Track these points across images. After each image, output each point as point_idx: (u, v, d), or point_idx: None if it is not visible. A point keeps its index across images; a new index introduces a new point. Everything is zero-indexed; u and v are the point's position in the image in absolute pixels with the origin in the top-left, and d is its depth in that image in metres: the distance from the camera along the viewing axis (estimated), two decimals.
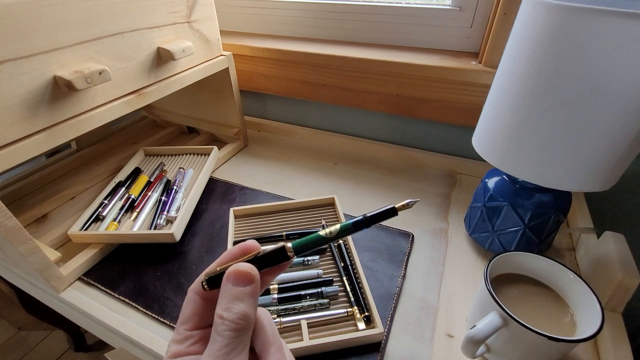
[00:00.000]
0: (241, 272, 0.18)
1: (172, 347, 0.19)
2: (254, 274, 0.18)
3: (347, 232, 0.20)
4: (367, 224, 0.20)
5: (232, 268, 0.18)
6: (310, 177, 0.64)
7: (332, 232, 0.20)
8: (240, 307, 0.17)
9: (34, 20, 0.35)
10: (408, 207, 0.20)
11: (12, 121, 0.35)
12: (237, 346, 0.17)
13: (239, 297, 0.17)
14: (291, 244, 0.20)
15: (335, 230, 0.20)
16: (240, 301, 0.17)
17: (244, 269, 0.18)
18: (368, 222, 0.20)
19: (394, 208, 0.20)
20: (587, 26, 0.28)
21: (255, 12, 0.75)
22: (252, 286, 0.18)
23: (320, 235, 0.20)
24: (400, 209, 0.20)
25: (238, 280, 0.18)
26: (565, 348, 0.31)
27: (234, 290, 0.17)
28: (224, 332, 0.17)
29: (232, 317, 0.17)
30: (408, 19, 0.63)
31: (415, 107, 0.63)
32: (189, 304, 0.19)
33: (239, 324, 0.17)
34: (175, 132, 0.79)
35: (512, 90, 0.34)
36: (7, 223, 0.35)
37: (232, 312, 0.17)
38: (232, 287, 0.18)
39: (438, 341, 0.38)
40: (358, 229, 0.20)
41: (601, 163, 0.33)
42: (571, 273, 0.34)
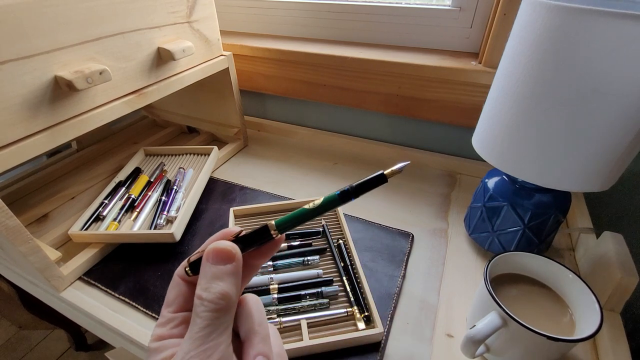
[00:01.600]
0: (220, 250, 0.17)
1: (155, 330, 0.18)
2: (234, 252, 0.17)
3: (333, 204, 0.19)
4: (355, 193, 0.19)
5: (211, 246, 0.17)
6: (310, 177, 0.64)
7: (315, 204, 0.19)
8: (219, 287, 0.16)
9: (35, 21, 0.35)
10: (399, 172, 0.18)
11: (13, 121, 0.35)
12: (217, 327, 0.16)
13: (218, 276, 0.16)
14: (274, 221, 0.19)
15: (318, 202, 0.19)
16: (220, 280, 0.16)
17: (223, 246, 0.17)
18: (355, 192, 0.18)
19: (383, 174, 0.18)
20: (587, 27, 0.28)
21: (255, 12, 0.75)
22: (233, 264, 0.17)
23: (304, 209, 0.19)
24: (390, 175, 0.18)
25: (217, 258, 0.17)
26: (564, 348, 0.31)
27: (213, 269, 0.17)
28: (203, 313, 0.16)
29: (211, 297, 0.16)
30: (408, 19, 0.63)
31: (415, 107, 0.63)
32: (173, 287, 0.19)
33: (218, 304, 0.16)
34: (175, 132, 0.79)
35: (512, 91, 0.35)
36: (8, 222, 0.35)
37: (211, 291, 0.16)
38: (211, 266, 0.17)
39: (438, 341, 0.38)
40: (345, 199, 0.19)
41: (600, 163, 0.33)
42: (570, 273, 0.34)
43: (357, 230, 0.51)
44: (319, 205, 0.19)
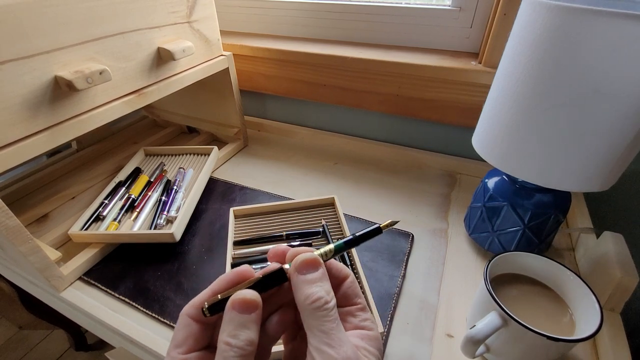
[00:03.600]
0: (247, 300, 0.18)
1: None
2: (258, 301, 0.19)
3: (340, 250, 0.22)
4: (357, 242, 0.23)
5: (237, 296, 0.18)
6: (310, 177, 0.64)
7: (327, 253, 0.22)
8: (246, 334, 0.17)
9: (35, 21, 0.35)
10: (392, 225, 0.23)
11: (13, 121, 0.35)
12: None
13: (245, 325, 0.18)
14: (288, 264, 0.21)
15: (330, 251, 0.22)
16: (247, 328, 0.18)
17: (250, 297, 0.18)
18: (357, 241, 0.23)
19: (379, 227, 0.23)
20: (587, 27, 0.28)
21: (255, 12, 0.75)
22: (257, 313, 0.18)
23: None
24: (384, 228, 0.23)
25: (243, 308, 0.18)
26: (564, 348, 0.31)
27: (240, 318, 0.18)
28: (232, 358, 0.17)
29: (240, 344, 0.17)
30: (408, 19, 0.63)
31: (415, 107, 0.63)
32: (182, 328, 0.19)
33: (246, 349, 0.17)
34: (175, 132, 0.79)
35: (512, 91, 0.35)
36: (8, 222, 0.35)
37: (240, 339, 0.17)
38: (238, 315, 0.18)
39: (438, 341, 0.38)
40: (349, 247, 0.23)
41: (601, 163, 0.33)
42: (570, 273, 0.34)
43: (357, 230, 0.51)
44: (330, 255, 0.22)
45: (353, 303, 0.21)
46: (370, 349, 0.19)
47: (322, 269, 0.20)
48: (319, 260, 0.20)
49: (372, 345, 0.20)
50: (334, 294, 0.19)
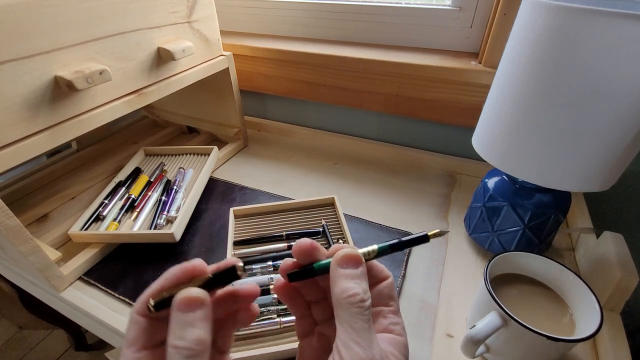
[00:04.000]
0: (191, 299, 0.17)
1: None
2: (203, 298, 0.17)
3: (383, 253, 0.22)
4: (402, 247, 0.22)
5: (181, 295, 0.17)
6: (310, 177, 0.64)
7: (369, 252, 0.21)
8: (193, 333, 0.16)
9: (35, 21, 0.35)
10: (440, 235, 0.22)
11: (13, 121, 0.36)
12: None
13: (192, 323, 0.17)
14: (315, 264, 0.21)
15: (373, 252, 0.22)
16: (193, 327, 0.17)
17: (194, 295, 0.17)
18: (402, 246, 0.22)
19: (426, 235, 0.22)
20: (587, 27, 0.28)
21: (255, 12, 0.75)
22: (204, 310, 0.17)
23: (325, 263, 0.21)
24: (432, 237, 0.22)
25: (188, 307, 0.17)
26: (564, 348, 0.31)
27: (185, 317, 0.17)
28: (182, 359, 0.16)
29: (187, 344, 0.16)
30: (408, 19, 0.63)
31: (415, 107, 0.63)
32: (132, 325, 0.19)
33: (194, 349, 0.16)
34: (175, 132, 0.79)
35: (512, 91, 0.35)
36: (8, 222, 0.35)
37: (187, 339, 0.16)
38: (183, 314, 0.17)
39: (438, 341, 0.38)
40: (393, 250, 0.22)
41: (600, 163, 0.33)
42: (570, 273, 0.34)
43: (357, 230, 0.51)
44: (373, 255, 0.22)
45: (386, 304, 0.21)
46: (397, 355, 0.19)
47: (362, 267, 0.20)
48: (360, 258, 0.20)
49: (400, 351, 0.19)
50: (370, 295, 0.19)
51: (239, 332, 0.37)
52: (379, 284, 0.22)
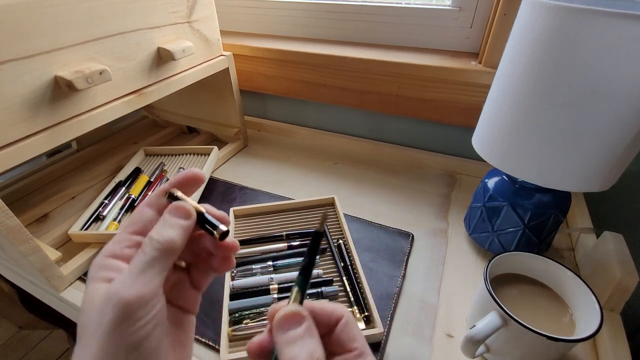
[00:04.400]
0: (180, 206, 0.19)
1: (109, 246, 0.19)
2: (190, 211, 0.20)
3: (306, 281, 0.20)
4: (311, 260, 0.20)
5: (175, 203, 0.20)
6: (310, 177, 0.64)
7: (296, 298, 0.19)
8: (169, 233, 0.18)
9: (35, 21, 0.35)
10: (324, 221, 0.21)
11: (13, 121, 0.35)
12: (154, 265, 0.17)
13: (172, 225, 0.19)
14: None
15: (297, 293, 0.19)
16: (172, 229, 0.19)
17: (184, 205, 0.20)
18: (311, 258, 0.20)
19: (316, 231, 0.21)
20: (587, 27, 0.28)
21: (255, 12, 0.75)
22: (187, 221, 0.19)
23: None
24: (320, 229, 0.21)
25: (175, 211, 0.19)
26: (564, 348, 0.31)
27: (170, 219, 0.19)
28: (147, 249, 0.18)
29: (160, 239, 0.18)
30: (408, 19, 0.63)
31: (415, 107, 0.63)
32: (137, 212, 0.21)
33: (163, 245, 0.18)
34: (175, 132, 0.79)
35: (512, 91, 0.35)
36: (8, 222, 0.35)
37: (162, 235, 0.18)
38: (169, 216, 0.19)
39: (438, 341, 0.38)
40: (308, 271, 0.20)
41: (600, 163, 0.33)
42: (570, 273, 0.34)
43: (357, 230, 0.51)
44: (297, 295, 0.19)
45: (348, 349, 0.19)
46: None
47: (306, 322, 0.18)
48: (300, 313, 0.18)
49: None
50: (321, 351, 0.17)
51: (239, 332, 0.37)
52: (335, 328, 0.19)
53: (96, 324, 0.16)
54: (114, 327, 0.16)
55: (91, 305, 0.17)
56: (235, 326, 0.38)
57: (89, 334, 0.17)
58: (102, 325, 0.16)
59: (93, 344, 0.16)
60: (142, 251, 0.18)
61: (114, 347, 0.16)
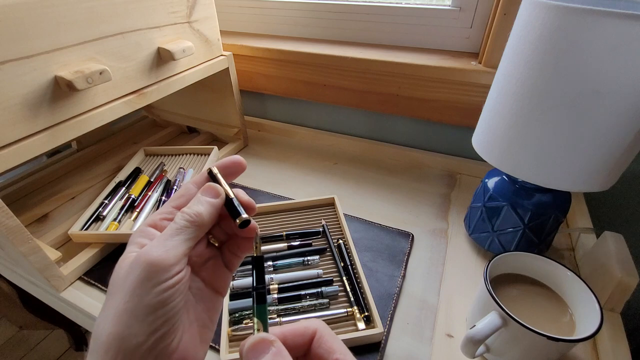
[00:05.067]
0: (212, 187, 0.21)
1: (152, 215, 0.21)
2: (221, 193, 0.21)
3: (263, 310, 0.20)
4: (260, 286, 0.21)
5: (208, 184, 0.21)
6: (311, 177, 0.64)
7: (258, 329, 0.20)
8: (198, 208, 0.20)
9: (36, 21, 0.35)
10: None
11: (13, 121, 0.35)
12: (181, 234, 0.19)
13: (202, 202, 0.20)
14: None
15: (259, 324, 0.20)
16: (202, 205, 0.20)
17: (214, 187, 0.21)
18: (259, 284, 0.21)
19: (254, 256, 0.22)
20: (587, 27, 0.28)
21: (255, 12, 0.75)
22: (216, 200, 0.21)
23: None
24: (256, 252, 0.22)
25: (207, 191, 0.21)
26: (564, 348, 0.31)
27: (201, 197, 0.21)
28: (178, 219, 0.19)
29: (190, 211, 0.20)
30: (408, 19, 0.63)
31: (415, 107, 0.63)
32: (184, 189, 0.22)
33: (192, 217, 0.19)
34: (176, 132, 0.79)
35: (512, 91, 0.35)
36: (8, 222, 0.35)
37: (192, 209, 0.20)
38: (201, 194, 0.21)
39: (438, 341, 0.38)
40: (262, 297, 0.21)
41: (600, 163, 0.33)
42: (570, 273, 0.34)
43: (357, 230, 0.51)
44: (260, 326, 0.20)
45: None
46: None
47: (273, 348, 0.18)
48: (266, 339, 0.18)
49: None
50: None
51: (239, 332, 0.37)
52: (311, 344, 0.20)
53: (122, 280, 0.18)
54: (137, 284, 0.17)
55: (122, 264, 0.19)
56: (235, 326, 0.38)
57: (115, 290, 0.18)
58: (127, 282, 0.17)
59: (118, 298, 0.18)
60: (173, 221, 0.20)
61: (134, 304, 0.17)
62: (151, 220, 0.21)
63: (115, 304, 0.17)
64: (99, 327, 0.18)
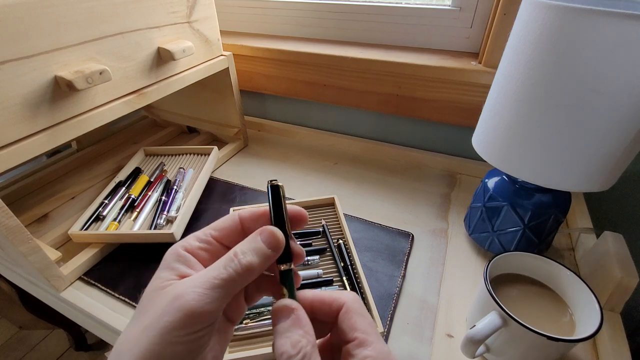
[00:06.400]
0: (273, 236, 0.19)
1: (190, 239, 0.20)
2: (281, 245, 0.20)
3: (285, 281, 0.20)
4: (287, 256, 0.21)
5: (270, 229, 0.20)
6: (311, 177, 0.64)
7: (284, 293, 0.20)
8: (252, 259, 0.18)
9: (36, 21, 0.35)
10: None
11: (13, 121, 0.36)
12: (228, 286, 0.18)
13: (257, 253, 0.19)
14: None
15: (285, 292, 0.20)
16: (257, 256, 0.19)
17: (279, 237, 0.19)
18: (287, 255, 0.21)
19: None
20: (587, 27, 0.28)
21: (255, 12, 0.75)
22: (272, 252, 0.19)
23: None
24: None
25: (267, 241, 0.19)
26: (564, 348, 0.31)
27: (258, 245, 0.19)
28: (229, 267, 0.18)
29: (244, 261, 0.18)
30: (408, 19, 0.63)
31: (415, 107, 0.63)
32: (228, 219, 0.21)
33: (245, 269, 0.18)
34: (176, 132, 0.79)
35: (512, 91, 0.35)
36: (8, 222, 0.35)
37: (246, 258, 0.18)
38: (260, 242, 0.19)
39: (438, 341, 0.38)
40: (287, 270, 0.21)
41: (600, 163, 0.33)
42: (570, 273, 0.34)
43: (357, 230, 0.51)
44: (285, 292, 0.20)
45: (349, 339, 0.18)
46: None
47: (293, 314, 0.18)
48: (288, 306, 0.19)
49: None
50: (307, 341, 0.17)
51: (239, 332, 0.37)
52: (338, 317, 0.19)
53: (156, 317, 0.17)
54: (170, 329, 0.16)
55: (157, 294, 0.18)
56: (235, 326, 0.38)
57: (145, 322, 0.17)
58: (161, 322, 0.16)
59: (148, 334, 0.16)
60: (222, 266, 0.18)
61: (162, 347, 0.16)
62: (188, 244, 0.20)
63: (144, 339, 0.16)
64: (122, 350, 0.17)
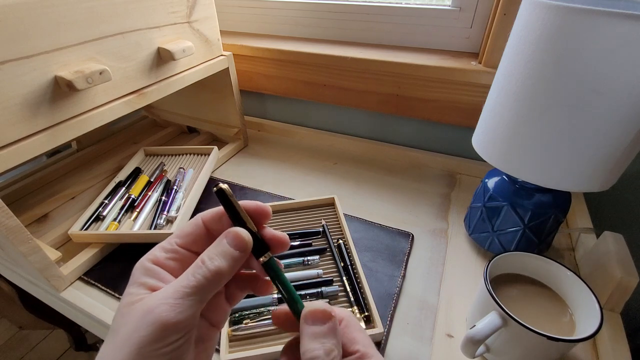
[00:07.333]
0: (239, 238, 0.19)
1: (156, 251, 0.20)
2: (248, 246, 0.19)
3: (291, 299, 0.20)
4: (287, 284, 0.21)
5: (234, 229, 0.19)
6: (311, 177, 0.64)
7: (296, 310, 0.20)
8: (220, 263, 0.18)
9: (36, 21, 0.35)
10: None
11: (13, 121, 0.36)
12: (198, 293, 0.17)
13: (225, 256, 0.19)
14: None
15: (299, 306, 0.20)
16: (225, 259, 0.18)
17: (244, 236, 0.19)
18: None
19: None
20: (587, 27, 0.28)
21: (255, 12, 0.75)
22: (239, 254, 0.19)
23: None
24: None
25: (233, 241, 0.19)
26: (564, 348, 0.31)
27: (225, 248, 0.19)
28: (198, 274, 0.18)
29: (212, 267, 0.18)
30: (408, 19, 0.63)
31: (415, 107, 0.63)
32: (191, 224, 0.20)
33: (212, 273, 0.18)
34: (176, 132, 0.79)
35: (512, 91, 0.35)
36: (8, 222, 0.35)
37: (214, 263, 0.18)
38: (226, 244, 0.19)
39: (438, 341, 0.38)
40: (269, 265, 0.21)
41: (600, 163, 0.33)
42: (570, 273, 0.34)
43: (357, 230, 0.51)
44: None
45: (350, 352, 0.19)
46: None
47: (330, 323, 0.19)
48: (329, 313, 0.19)
49: None
50: (338, 352, 0.18)
51: (239, 332, 0.37)
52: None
53: (129, 333, 0.16)
54: (145, 344, 0.16)
55: (129, 310, 0.17)
56: (235, 326, 0.38)
57: (119, 340, 0.17)
58: (134, 337, 0.16)
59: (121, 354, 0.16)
60: (192, 274, 0.18)
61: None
62: (154, 256, 0.19)
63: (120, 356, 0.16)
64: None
